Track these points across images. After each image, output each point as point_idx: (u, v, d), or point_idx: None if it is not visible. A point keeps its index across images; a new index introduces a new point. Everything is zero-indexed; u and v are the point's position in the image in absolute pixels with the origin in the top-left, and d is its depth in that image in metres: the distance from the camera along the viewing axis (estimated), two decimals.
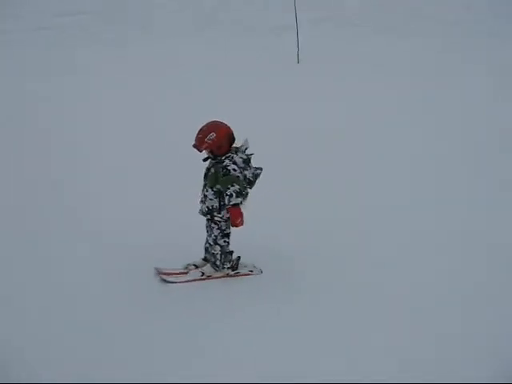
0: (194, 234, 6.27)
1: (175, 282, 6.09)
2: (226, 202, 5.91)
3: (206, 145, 5.90)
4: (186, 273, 6.19)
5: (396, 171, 8.45)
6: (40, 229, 6.97)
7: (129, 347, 5.18)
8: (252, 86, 11.43)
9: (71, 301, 5.72)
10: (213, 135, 5.89)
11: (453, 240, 6.78)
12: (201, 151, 5.96)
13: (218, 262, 6.15)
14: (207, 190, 6.01)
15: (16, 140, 9.30)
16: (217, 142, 5.91)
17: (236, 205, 5.89)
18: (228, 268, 6.22)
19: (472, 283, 6.01)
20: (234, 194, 5.88)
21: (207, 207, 6.03)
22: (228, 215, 5.98)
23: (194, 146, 5.95)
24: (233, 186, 5.87)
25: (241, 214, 5.94)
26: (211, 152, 5.96)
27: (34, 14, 14.78)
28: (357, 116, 10.21)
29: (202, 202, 6.09)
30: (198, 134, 5.94)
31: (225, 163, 5.92)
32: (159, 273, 6.20)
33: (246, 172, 5.98)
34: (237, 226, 5.98)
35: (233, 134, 5.96)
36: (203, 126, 5.97)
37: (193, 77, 11.91)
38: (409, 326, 5.41)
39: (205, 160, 6.06)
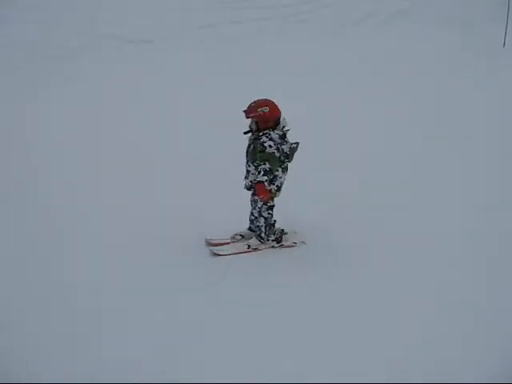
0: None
1: (224, 255, 6.44)
2: (255, 177, 6.30)
3: (256, 114, 6.29)
4: (233, 242, 6.62)
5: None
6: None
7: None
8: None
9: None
10: (266, 109, 6.29)
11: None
12: (247, 117, 6.33)
13: (262, 234, 6.53)
14: (249, 166, 6.44)
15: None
16: (267, 117, 6.29)
17: (261, 182, 6.27)
18: (272, 240, 6.59)
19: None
20: (262, 172, 6.28)
21: (250, 181, 6.41)
22: (269, 188, 6.34)
23: (245, 111, 6.31)
24: (264, 164, 6.25)
25: (263, 191, 6.28)
26: (256, 123, 6.28)
27: None
28: None
29: (245, 177, 6.50)
30: (253, 102, 6.33)
31: (262, 140, 6.30)
32: (209, 244, 6.54)
33: (283, 147, 6.35)
34: (261, 200, 6.39)
35: (280, 119, 6.35)
36: (260, 99, 6.36)
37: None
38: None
39: (245, 133, 6.43)
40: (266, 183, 6.29)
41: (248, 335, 5.32)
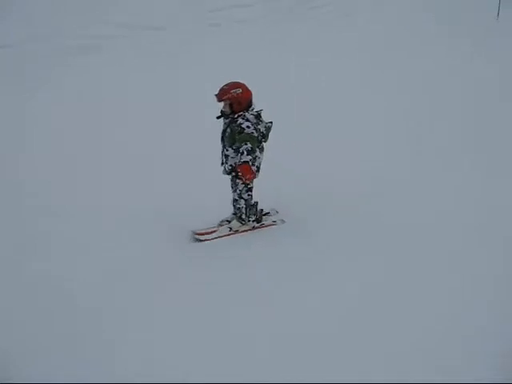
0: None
1: (206, 240, 6.58)
2: (238, 159, 6.26)
3: (230, 96, 6.33)
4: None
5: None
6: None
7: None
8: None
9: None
10: (239, 90, 6.35)
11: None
12: (220, 101, 6.33)
13: (243, 216, 6.66)
14: (227, 150, 6.50)
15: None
16: (240, 98, 6.34)
17: (246, 162, 6.30)
18: (253, 221, 6.77)
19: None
20: (245, 152, 6.31)
21: (230, 165, 6.49)
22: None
23: (216, 95, 6.34)
24: (246, 144, 6.30)
25: (249, 171, 6.31)
26: (230, 105, 6.33)
27: None
28: None
29: (223, 163, 6.57)
30: (224, 86, 6.33)
31: (239, 121, 6.36)
32: (195, 234, 6.60)
33: (259, 126, 6.42)
34: (247, 181, 6.46)
35: (252, 101, 6.41)
36: (231, 82, 6.41)
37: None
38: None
39: (218, 117, 6.49)
40: (250, 163, 6.32)
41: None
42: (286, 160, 7.67)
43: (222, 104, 6.45)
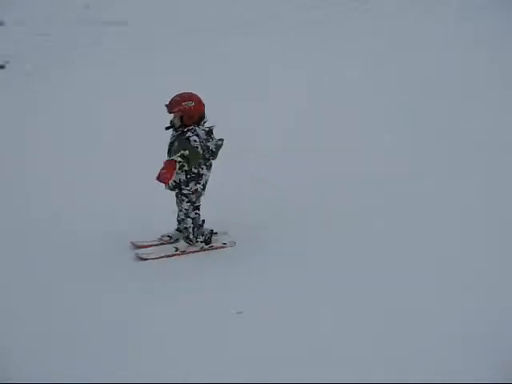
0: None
1: (148, 259, 6.18)
2: (181, 174, 6.08)
3: (181, 108, 6.01)
4: (161, 244, 6.36)
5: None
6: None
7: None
8: None
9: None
10: (191, 103, 6.04)
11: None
12: (171, 113, 6.06)
13: (191, 236, 6.28)
14: None
15: None
16: (192, 112, 6.04)
17: (173, 160, 5.98)
18: (201, 242, 6.31)
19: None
20: (179, 155, 5.96)
21: (174, 181, 6.14)
22: (195, 187, 6.13)
23: (167, 105, 6.04)
24: (185, 150, 5.97)
25: (171, 169, 5.97)
26: (180, 118, 6.06)
27: None
28: None
29: None
30: (176, 97, 6.06)
31: (187, 135, 6.05)
32: (135, 246, 6.32)
33: (208, 143, 6.10)
34: (159, 177, 6.00)
35: (204, 115, 6.11)
36: (184, 93, 6.10)
37: None
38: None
39: (167, 128, 6.17)
40: (176, 165, 6.00)
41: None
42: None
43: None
